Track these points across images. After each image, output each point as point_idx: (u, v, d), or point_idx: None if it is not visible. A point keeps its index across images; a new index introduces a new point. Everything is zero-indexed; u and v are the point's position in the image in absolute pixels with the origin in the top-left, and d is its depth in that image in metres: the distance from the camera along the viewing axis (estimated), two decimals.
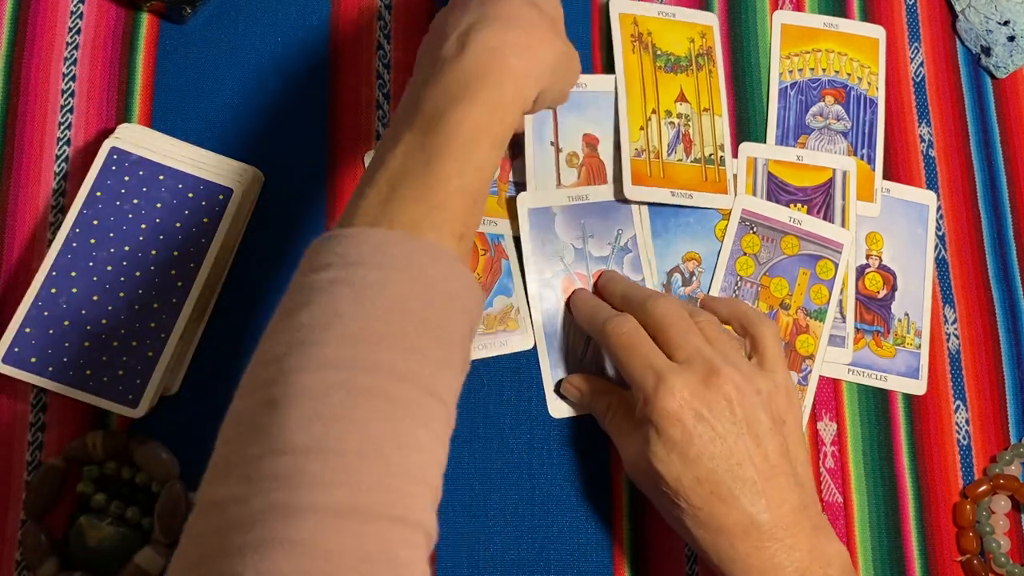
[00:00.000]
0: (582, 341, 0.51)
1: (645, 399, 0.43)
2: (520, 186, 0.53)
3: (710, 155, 0.54)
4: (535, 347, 0.51)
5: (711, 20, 0.56)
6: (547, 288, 0.51)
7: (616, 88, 0.54)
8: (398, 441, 0.32)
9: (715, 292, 0.53)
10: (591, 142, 0.53)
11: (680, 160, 0.54)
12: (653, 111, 0.54)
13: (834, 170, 0.55)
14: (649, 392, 0.42)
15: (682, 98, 0.55)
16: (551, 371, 0.51)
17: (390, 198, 0.37)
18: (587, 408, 0.50)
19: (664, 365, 0.43)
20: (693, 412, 0.42)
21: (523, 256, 0.52)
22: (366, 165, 0.52)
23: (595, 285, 0.52)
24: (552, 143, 0.53)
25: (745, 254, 0.54)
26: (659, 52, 0.55)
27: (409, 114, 0.39)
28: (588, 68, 0.55)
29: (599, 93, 0.54)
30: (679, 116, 0.54)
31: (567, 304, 0.51)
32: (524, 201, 0.52)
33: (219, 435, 0.34)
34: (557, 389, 0.51)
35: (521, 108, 0.40)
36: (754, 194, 0.55)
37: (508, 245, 0.52)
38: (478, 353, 0.51)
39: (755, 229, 0.54)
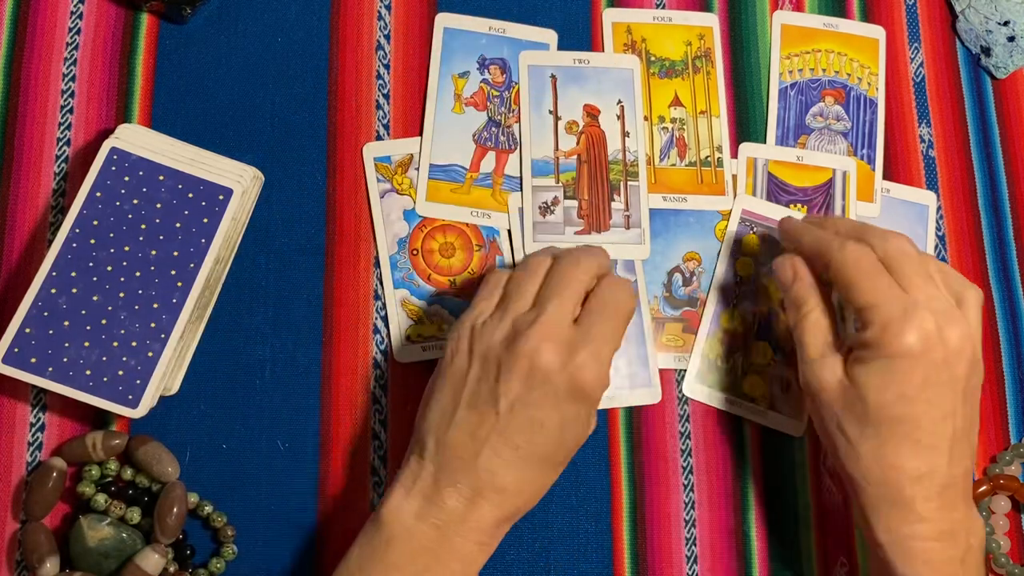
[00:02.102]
0: None
1: (885, 325, 0.42)
2: (514, 179, 0.53)
3: (706, 157, 0.54)
4: None
5: (711, 21, 0.56)
6: None
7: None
8: None
9: (715, 292, 0.53)
10: (592, 112, 0.54)
11: (673, 165, 0.54)
12: (645, 118, 0.54)
13: (834, 170, 0.55)
14: (894, 318, 0.41)
15: (676, 102, 0.55)
16: None
17: None
18: (786, 292, 0.47)
19: (908, 299, 0.42)
20: (932, 354, 0.41)
21: (514, 251, 0.52)
22: (365, 160, 0.53)
23: (784, 228, 0.50)
24: (551, 111, 0.53)
25: (745, 254, 0.54)
26: (653, 58, 0.55)
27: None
28: None
29: (600, 69, 0.54)
30: (673, 121, 0.55)
31: (779, 228, 0.50)
32: (515, 201, 0.52)
33: None
34: None
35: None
36: (754, 194, 0.55)
37: (502, 241, 0.52)
38: None
39: (755, 229, 0.54)
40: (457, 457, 0.42)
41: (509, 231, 0.52)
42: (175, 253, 0.46)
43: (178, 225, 0.47)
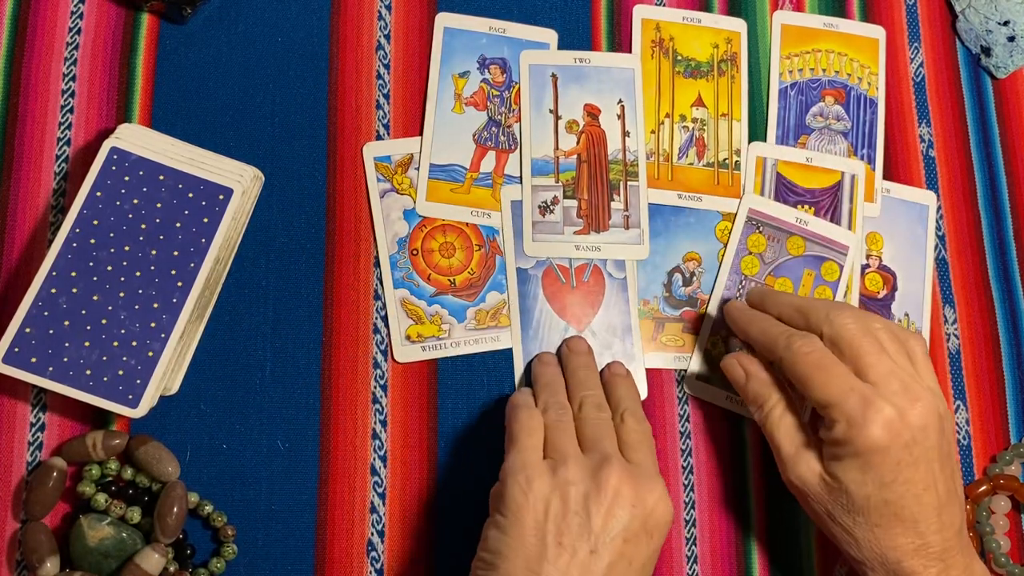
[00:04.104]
0: (559, 335, 0.52)
1: (849, 422, 0.42)
2: (514, 179, 0.53)
3: (724, 159, 0.55)
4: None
5: (739, 26, 0.57)
6: (528, 281, 0.52)
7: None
8: None
9: (718, 291, 0.53)
10: (592, 111, 0.54)
11: (691, 164, 0.54)
12: (667, 115, 0.54)
13: (843, 173, 0.55)
14: (855, 416, 0.42)
15: (699, 103, 0.55)
16: (523, 362, 0.51)
17: None
18: (742, 391, 0.48)
19: (865, 388, 0.43)
20: (900, 439, 0.42)
21: (505, 247, 0.52)
22: (365, 159, 0.53)
23: (748, 300, 0.51)
24: (551, 111, 0.53)
25: (751, 253, 0.54)
26: (679, 57, 0.55)
27: None
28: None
29: (601, 68, 0.54)
30: (694, 121, 0.55)
31: (725, 316, 0.50)
32: (508, 193, 0.52)
33: None
34: (528, 374, 0.51)
35: None
36: (762, 194, 0.55)
37: (502, 240, 0.52)
38: (471, 348, 0.51)
39: (761, 229, 0.54)
40: None
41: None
42: (175, 253, 0.46)
43: (178, 225, 0.47)
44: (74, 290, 0.45)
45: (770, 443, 0.46)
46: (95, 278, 0.46)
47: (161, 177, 0.47)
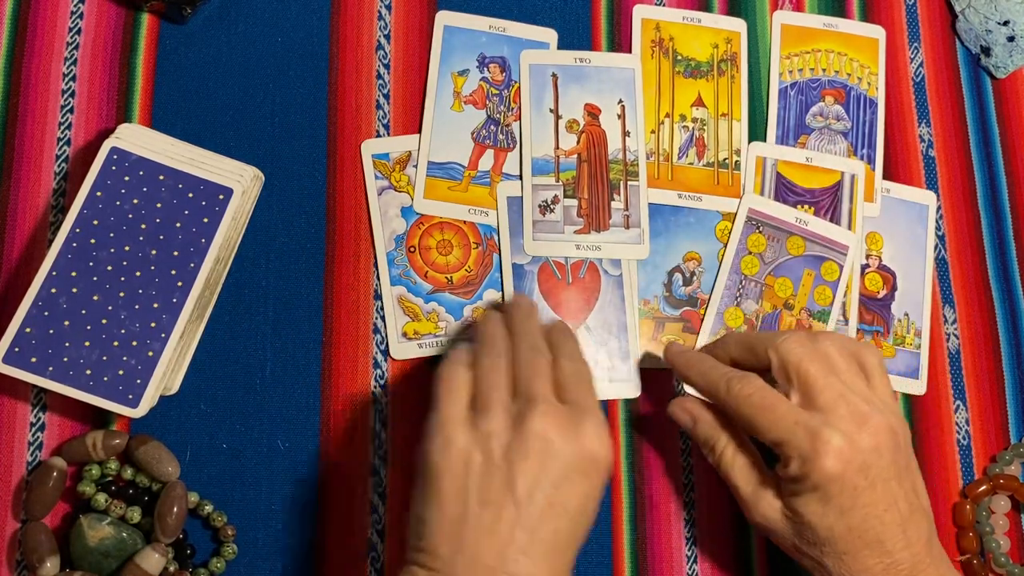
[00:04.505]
0: None
1: (802, 458, 0.42)
2: (512, 177, 0.53)
3: (724, 159, 0.55)
4: None
5: (739, 26, 0.57)
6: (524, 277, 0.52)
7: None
8: None
9: (719, 290, 0.53)
10: (593, 111, 0.54)
11: (691, 163, 0.54)
12: (667, 115, 0.54)
13: (843, 173, 0.55)
14: (806, 451, 0.42)
15: (699, 103, 0.55)
16: None
17: None
18: (692, 436, 0.48)
19: (811, 419, 0.42)
20: (853, 465, 0.41)
21: (501, 242, 0.52)
22: (363, 156, 0.53)
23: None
24: (551, 110, 0.53)
25: (750, 253, 0.54)
26: (679, 57, 0.55)
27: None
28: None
29: (601, 68, 0.54)
30: (694, 120, 0.55)
31: (668, 360, 0.49)
32: (504, 189, 0.52)
33: None
34: None
35: None
36: (762, 194, 0.55)
37: (499, 236, 0.52)
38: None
39: (761, 228, 0.54)
40: (478, 564, 0.37)
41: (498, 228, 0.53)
42: (175, 253, 0.46)
43: (178, 225, 0.47)
44: (74, 290, 0.45)
45: (728, 485, 0.46)
46: (95, 278, 0.46)
47: (161, 177, 0.47)
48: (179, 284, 0.46)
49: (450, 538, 0.38)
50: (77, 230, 0.46)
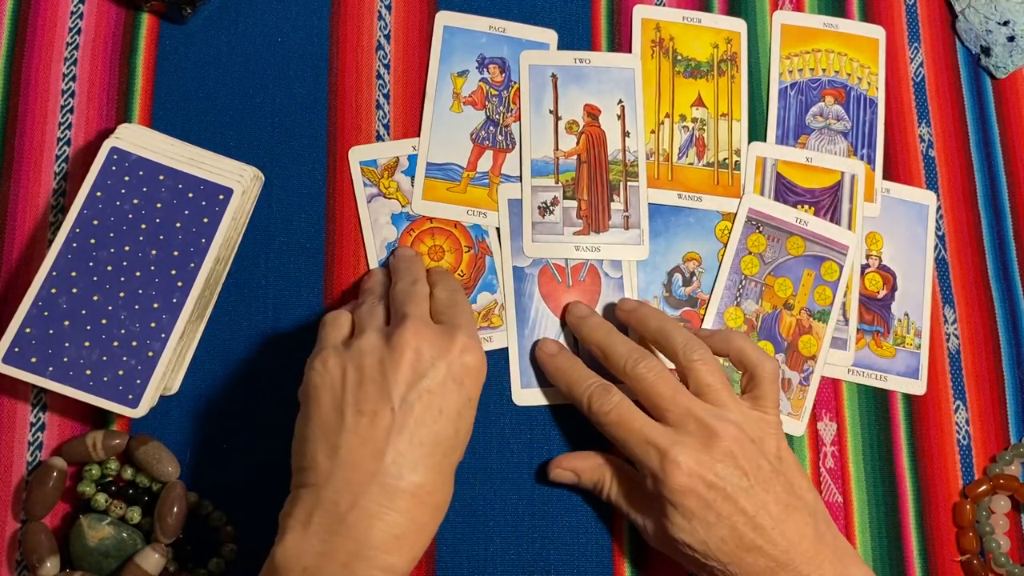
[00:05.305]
0: (554, 334, 0.52)
1: (654, 477, 0.43)
2: (511, 178, 0.53)
3: (724, 159, 0.55)
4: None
5: (739, 26, 0.57)
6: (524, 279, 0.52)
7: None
8: None
9: (719, 290, 0.53)
10: (593, 112, 0.54)
11: (691, 164, 0.54)
12: (667, 115, 0.54)
13: (843, 173, 0.55)
14: (656, 470, 0.43)
15: (699, 103, 0.55)
16: (519, 359, 0.51)
17: None
18: (585, 486, 0.49)
19: (661, 437, 0.43)
20: (703, 480, 0.42)
21: (501, 244, 0.52)
22: (351, 164, 0.53)
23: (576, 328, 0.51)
24: (551, 111, 0.53)
25: (750, 253, 0.54)
26: (679, 57, 0.55)
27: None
28: None
29: (601, 68, 0.54)
30: (694, 120, 0.55)
31: (539, 361, 0.50)
32: (505, 192, 0.52)
33: None
34: (529, 383, 0.51)
35: None
36: (762, 194, 0.55)
37: (492, 241, 0.52)
38: None
39: (761, 228, 0.54)
40: (358, 470, 0.38)
41: (499, 229, 0.53)
42: (175, 253, 0.46)
43: (178, 225, 0.47)
44: (74, 290, 0.45)
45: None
46: (95, 278, 0.46)
47: (161, 177, 0.47)
48: (179, 284, 0.46)
49: (329, 449, 0.39)
50: (77, 230, 0.46)
